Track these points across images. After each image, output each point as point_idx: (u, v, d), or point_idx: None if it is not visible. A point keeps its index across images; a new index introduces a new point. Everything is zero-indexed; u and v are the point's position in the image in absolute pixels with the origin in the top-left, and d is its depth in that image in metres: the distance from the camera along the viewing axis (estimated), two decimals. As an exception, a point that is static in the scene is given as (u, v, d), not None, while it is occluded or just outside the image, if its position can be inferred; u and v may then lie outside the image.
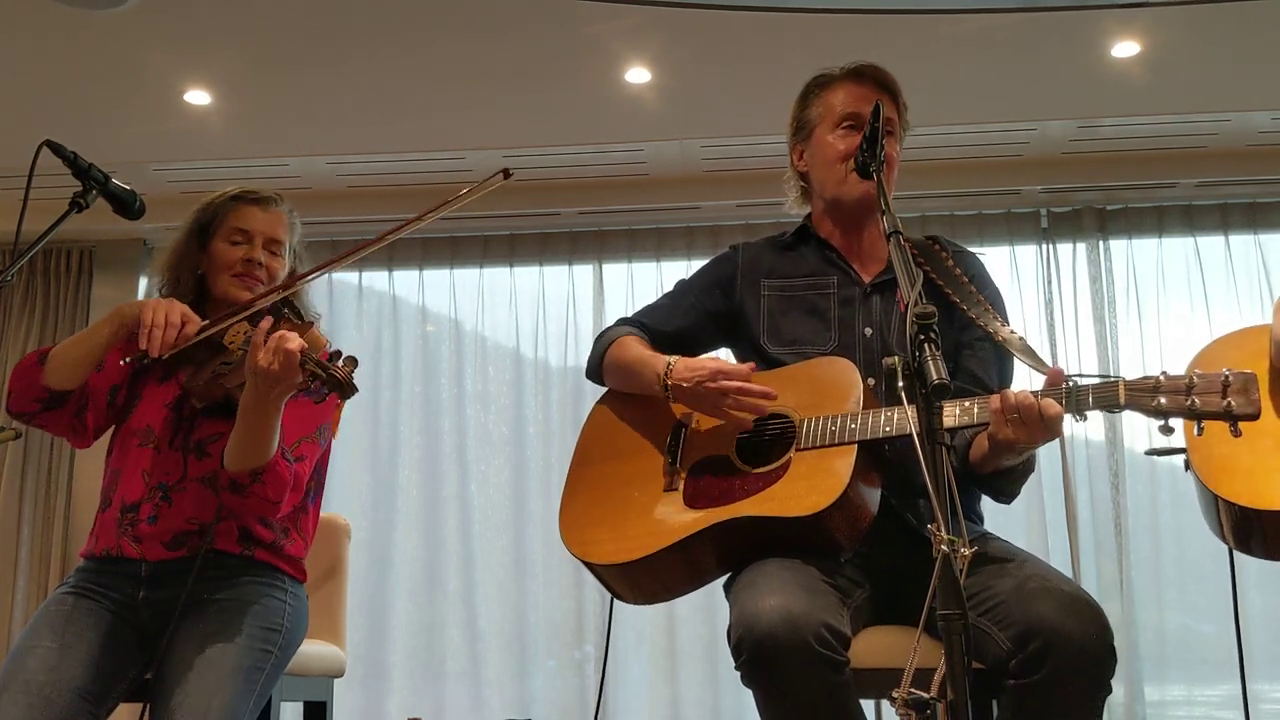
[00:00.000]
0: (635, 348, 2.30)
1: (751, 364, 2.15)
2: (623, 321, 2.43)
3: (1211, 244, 5.24)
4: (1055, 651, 1.79)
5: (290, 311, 2.30)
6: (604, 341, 2.38)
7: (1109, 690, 1.84)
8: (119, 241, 5.54)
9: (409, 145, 5.00)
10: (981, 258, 2.38)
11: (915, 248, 2.32)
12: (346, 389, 2.07)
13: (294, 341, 2.06)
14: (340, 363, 2.08)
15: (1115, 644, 1.84)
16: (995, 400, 1.91)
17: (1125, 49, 4.26)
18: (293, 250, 2.54)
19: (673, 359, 2.18)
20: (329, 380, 2.06)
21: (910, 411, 1.59)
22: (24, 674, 2.14)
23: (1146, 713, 4.79)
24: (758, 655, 1.79)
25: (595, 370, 2.40)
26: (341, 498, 5.25)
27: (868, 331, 2.24)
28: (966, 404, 1.96)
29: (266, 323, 2.14)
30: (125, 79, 4.44)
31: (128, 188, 2.33)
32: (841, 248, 2.35)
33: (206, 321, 2.28)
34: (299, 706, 2.90)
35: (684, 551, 2.06)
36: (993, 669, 1.86)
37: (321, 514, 3.10)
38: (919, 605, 1.52)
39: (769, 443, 2.11)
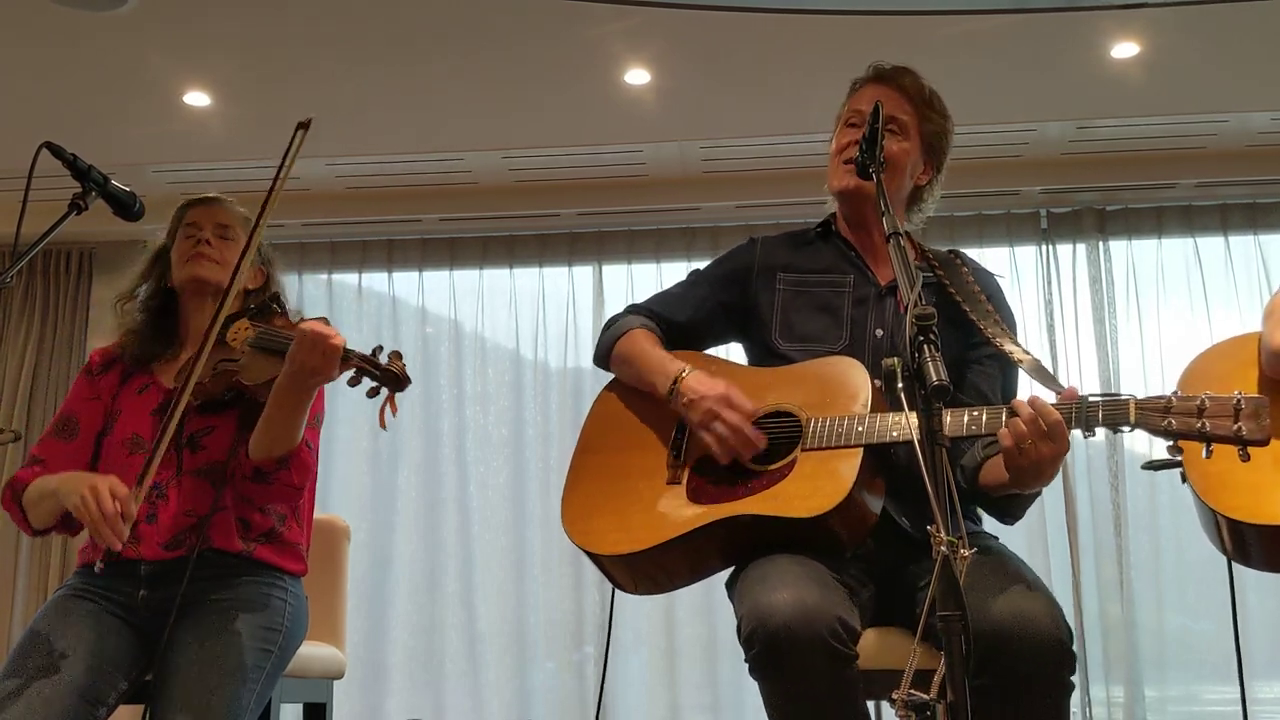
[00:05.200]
0: (647, 343, 2.28)
1: (758, 410, 2.09)
2: (634, 309, 2.41)
3: (1211, 244, 5.24)
4: (1006, 653, 1.77)
5: (276, 305, 2.38)
6: (614, 331, 2.35)
7: (1070, 688, 1.81)
8: (118, 243, 5.51)
9: (409, 146, 5.01)
10: (1000, 280, 2.37)
11: (936, 259, 2.32)
12: (403, 382, 2.14)
13: (337, 338, 2.14)
14: (385, 358, 2.14)
15: (1114, 645, 1.83)
16: (1023, 422, 1.85)
17: (1124, 50, 4.26)
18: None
19: (688, 368, 2.17)
20: (384, 376, 2.13)
21: (906, 418, 1.59)
22: (23, 675, 2.14)
23: (1147, 713, 4.78)
24: (771, 647, 1.78)
25: (603, 358, 2.37)
26: (341, 499, 5.25)
27: (879, 333, 2.23)
28: (974, 413, 1.95)
29: (313, 324, 2.18)
30: (125, 81, 4.44)
31: (127, 189, 2.33)
32: (860, 247, 2.34)
33: (136, 490, 2.21)
34: (299, 708, 2.89)
35: (686, 546, 2.05)
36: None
37: (321, 515, 3.11)
38: (919, 606, 1.51)
39: (775, 441, 2.11)
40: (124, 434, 2.41)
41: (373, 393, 2.15)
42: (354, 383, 2.16)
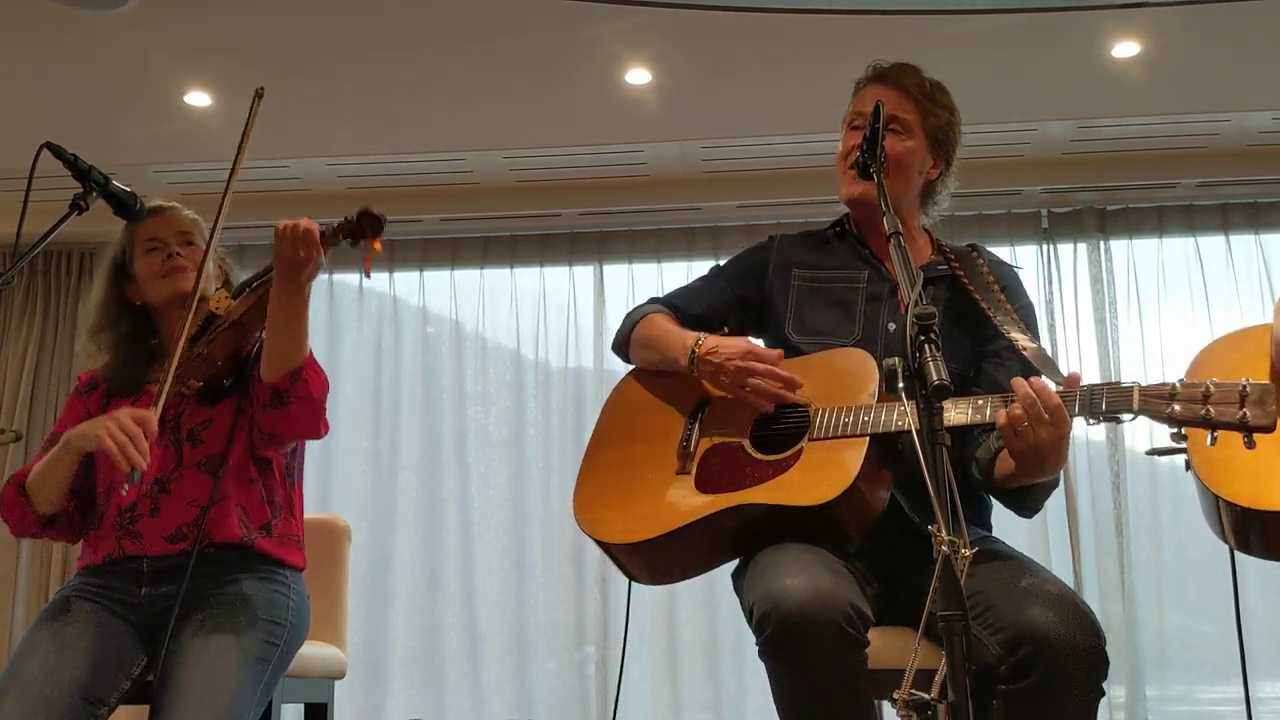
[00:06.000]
0: (664, 323, 2.33)
1: (780, 351, 2.15)
2: (653, 301, 2.45)
3: (1212, 244, 5.24)
4: (1045, 657, 1.78)
5: (247, 287, 2.41)
6: (633, 317, 2.40)
7: (1101, 694, 1.83)
8: None
9: (410, 146, 5.01)
10: (1019, 272, 2.38)
11: (953, 253, 2.33)
12: (380, 220, 2.21)
13: (308, 221, 2.21)
14: (354, 215, 2.22)
15: (1115, 645, 1.84)
16: (1020, 403, 1.86)
17: (1125, 49, 4.26)
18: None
19: (703, 335, 2.21)
20: (359, 221, 2.21)
21: (911, 410, 1.59)
22: (24, 675, 2.13)
23: (1148, 713, 4.78)
24: (785, 630, 1.78)
25: (622, 345, 2.41)
26: (342, 499, 5.25)
27: (891, 327, 2.25)
28: (979, 402, 1.96)
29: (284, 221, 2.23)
30: (125, 81, 4.44)
31: (128, 190, 2.32)
32: (873, 246, 2.36)
33: (156, 409, 2.22)
34: (300, 708, 2.90)
35: (692, 535, 2.07)
36: (983, 674, 1.85)
37: (322, 515, 3.12)
38: (922, 605, 1.52)
39: (783, 432, 2.12)
40: None
41: (354, 242, 2.24)
42: (334, 243, 2.24)
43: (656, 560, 2.14)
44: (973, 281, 2.25)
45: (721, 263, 2.51)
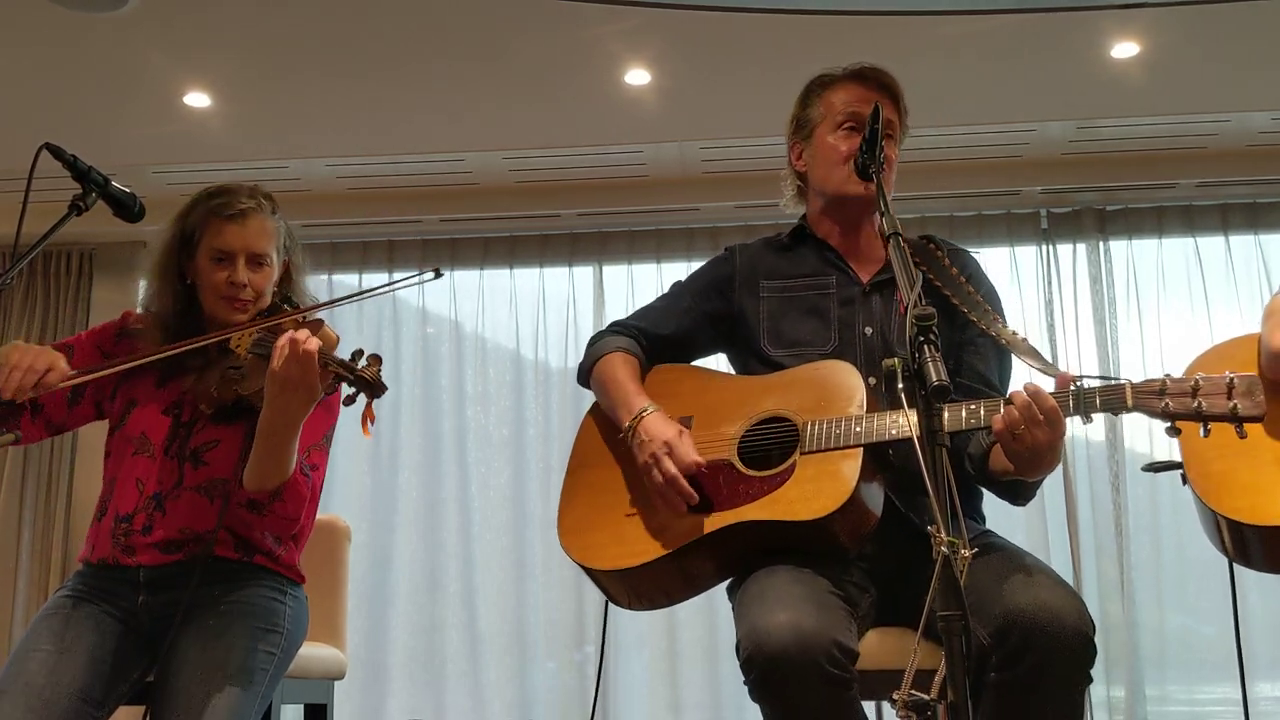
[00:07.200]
0: (621, 372, 2.29)
1: (702, 462, 2.07)
2: (617, 327, 2.41)
3: (1211, 244, 5.24)
4: (1035, 644, 1.79)
5: (287, 307, 2.32)
6: (594, 353, 2.37)
7: (1089, 680, 1.84)
8: (119, 244, 5.53)
9: (409, 147, 5.01)
10: (976, 256, 2.38)
11: (911, 248, 2.32)
12: (377, 388, 2.04)
13: (311, 342, 2.02)
14: (364, 362, 2.05)
15: (1115, 645, 1.84)
16: (1017, 408, 1.86)
17: (1124, 50, 4.26)
18: (282, 249, 2.44)
19: (651, 408, 2.16)
20: (357, 381, 2.03)
21: (907, 414, 1.59)
22: (24, 677, 2.13)
23: (1147, 713, 4.79)
24: (769, 674, 1.78)
25: (584, 378, 2.40)
26: (341, 500, 5.25)
27: (868, 331, 2.24)
28: (972, 406, 1.96)
29: (287, 328, 2.08)
30: (125, 82, 4.44)
31: (128, 190, 2.32)
32: (840, 248, 2.34)
33: (74, 372, 2.20)
34: (300, 709, 2.90)
35: (688, 557, 2.05)
36: (975, 663, 1.85)
37: (322, 516, 3.11)
38: (921, 606, 1.52)
39: (770, 447, 2.10)
40: (134, 431, 2.37)
41: (349, 400, 2.07)
42: (330, 390, 2.09)
43: (650, 586, 2.11)
44: (939, 276, 2.25)
45: (682, 278, 2.47)
